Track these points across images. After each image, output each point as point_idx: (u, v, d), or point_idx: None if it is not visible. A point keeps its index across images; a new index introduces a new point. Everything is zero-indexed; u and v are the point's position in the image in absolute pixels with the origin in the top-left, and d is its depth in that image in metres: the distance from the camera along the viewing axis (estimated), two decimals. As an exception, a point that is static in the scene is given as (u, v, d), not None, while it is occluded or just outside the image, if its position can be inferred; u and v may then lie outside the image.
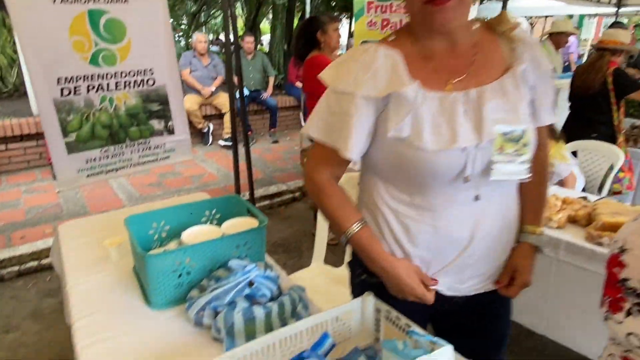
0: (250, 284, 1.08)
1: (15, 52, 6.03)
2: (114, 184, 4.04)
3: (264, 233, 1.26)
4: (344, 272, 1.83)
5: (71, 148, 2.73)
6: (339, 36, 2.78)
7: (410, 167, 0.85)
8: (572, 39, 9.69)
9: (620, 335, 0.73)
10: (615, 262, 0.75)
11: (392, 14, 4.28)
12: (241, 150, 3.10)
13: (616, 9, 6.40)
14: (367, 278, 0.98)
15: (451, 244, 0.89)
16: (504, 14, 0.90)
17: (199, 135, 5.32)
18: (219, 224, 1.34)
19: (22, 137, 4.40)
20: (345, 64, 0.87)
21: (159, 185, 4.08)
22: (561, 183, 2.23)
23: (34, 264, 2.83)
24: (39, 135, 4.43)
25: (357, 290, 1.03)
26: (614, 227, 1.43)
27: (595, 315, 0.90)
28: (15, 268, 2.77)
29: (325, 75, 0.89)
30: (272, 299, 1.09)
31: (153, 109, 2.97)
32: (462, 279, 0.94)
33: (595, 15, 10.39)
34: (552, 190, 1.99)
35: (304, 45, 2.66)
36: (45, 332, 2.23)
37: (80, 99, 2.70)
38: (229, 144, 4.87)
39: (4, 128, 4.28)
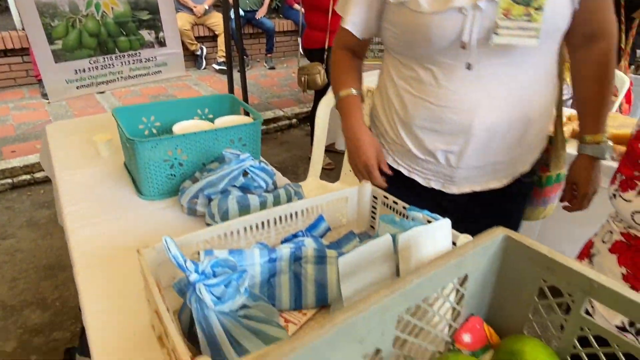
0: (245, 174, 1.04)
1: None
2: (105, 103, 3.92)
3: (259, 129, 1.20)
4: (340, 187, 1.81)
5: (58, 56, 2.59)
6: None
7: (409, 35, 0.81)
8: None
9: (625, 213, 0.71)
10: None
11: None
12: (236, 75, 2.96)
13: None
14: None
15: (447, 123, 0.84)
16: None
17: (192, 59, 5.10)
18: (212, 121, 1.29)
19: (6, 52, 4.19)
20: None
21: (152, 106, 3.96)
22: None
23: (26, 177, 2.80)
24: (24, 51, 4.22)
25: None
26: (619, 139, 1.39)
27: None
28: (9, 180, 2.75)
29: None
30: (267, 192, 1.06)
31: (143, 17, 2.78)
32: (455, 174, 0.91)
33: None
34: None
35: None
36: (40, 240, 2.25)
37: (65, 3, 2.52)
38: (224, 67, 4.70)
39: (-14, 41, 4.06)
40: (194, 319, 0.55)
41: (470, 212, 0.94)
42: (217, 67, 4.97)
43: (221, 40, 4.82)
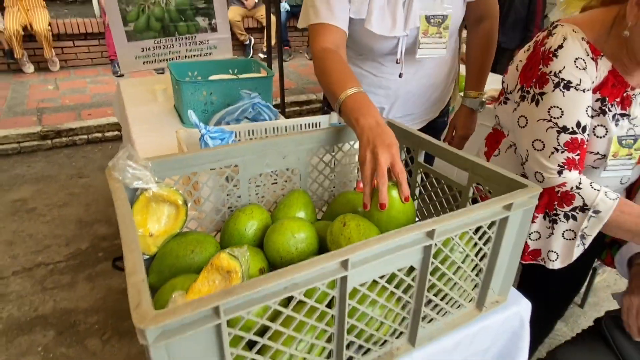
0: (254, 109, 1.46)
1: (78, -42, 6.43)
2: (164, 82, 4.53)
3: (271, 82, 1.62)
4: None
5: (130, 36, 3.15)
6: None
7: (358, 42, 1.16)
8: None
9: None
10: None
11: None
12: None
13: None
14: None
15: (383, 89, 1.25)
16: None
17: (241, 48, 5.64)
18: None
19: (86, 36, 4.92)
20: None
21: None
22: None
23: (99, 135, 3.41)
24: (100, 35, 4.93)
25: None
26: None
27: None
28: (85, 136, 3.37)
29: None
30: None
31: (199, 5, 3.30)
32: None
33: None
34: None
35: None
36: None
37: (138, -8, 3.08)
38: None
39: (71, 25, 4.80)
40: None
41: None
42: (262, 55, 5.48)
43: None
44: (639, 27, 0.82)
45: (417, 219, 0.89)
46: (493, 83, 2.31)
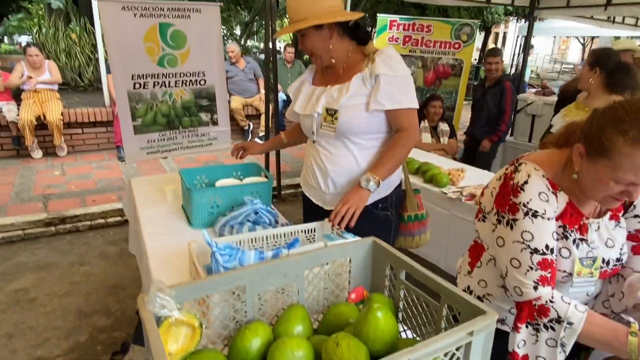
0: (256, 213, 1.63)
1: (92, 52, 7.04)
2: (166, 166, 4.77)
3: (271, 185, 1.80)
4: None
5: (137, 130, 3.43)
6: None
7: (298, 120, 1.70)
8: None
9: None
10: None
11: (414, 32, 4.78)
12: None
13: None
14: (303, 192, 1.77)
15: (315, 170, 1.63)
16: (370, 44, 1.51)
17: (240, 133, 6.01)
18: (241, 180, 1.92)
19: (95, 124, 5.26)
20: None
21: (203, 170, 4.76)
22: None
23: (102, 221, 3.55)
24: (108, 123, 5.26)
25: None
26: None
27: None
28: (88, 223, 3.50)
29: None
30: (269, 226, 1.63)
31: (203, 104, 3.64)
32: (326, 198, 1.63)
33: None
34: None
35: None
36: (109, 267, 2.90)
37: (148, 92, 3.41)
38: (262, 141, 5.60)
39: (82, 115, 5.15)
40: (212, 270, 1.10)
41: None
42: (258, 140, 5.83)
43: (263, 118, 5.73)
44: (583, 172, 1.02)
45: (402, 329, 1.01)
46: (475, 179, 2.54)
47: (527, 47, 5.64)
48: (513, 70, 13.74)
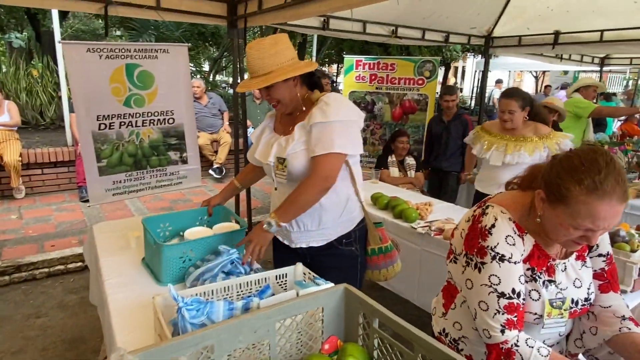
0: (231, 263, 1.58)
1: (54, 90, 6.88)
2: (131, 207, 4.62)
3: (244, 233, 1.73)
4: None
5: (102, 171, 3.33)
6: (329, 89, 3.44)
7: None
8: (562, 93, 10.33)
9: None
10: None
11: (379, 70, 4.97)
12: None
13: (599, 67, 7.32)
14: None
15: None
16: (315, 91, 1.59)
17: (209, 164, 5.95)
18: (209, 226, 1.85)
19: (56, 164, 5.06)
20: None
21: (171, 210, 4.64)
22: None
23: (61, 267, 3.36)
24: (70, 162, 5.08)
25: None
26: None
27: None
28: (46, 270, 3.30)
29: None
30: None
31: (171, 142, 3.59)
32: (292, 236, 1.66)
33: (585, 71, 11.15)
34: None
35: None
36: (68, 319, 2.72)
37: (113, 132, 3.34)
38: (217, 174, 5.80)
39: (42, 155, 4.96)
40: (178, 328, 1.05)
41: (319, 262, 1.62)
42: (212, 172, 5.84)
43: (221, 149, 5.79)
44: (546, 217, 1.05)
45: (377, 381, 0.98)
46: (442, 213, 2.59)
47: (484, 81, 5.96)
48: (473, 103, 14.42)
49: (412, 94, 5.20)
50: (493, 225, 1.08)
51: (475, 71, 12.20)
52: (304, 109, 1.58)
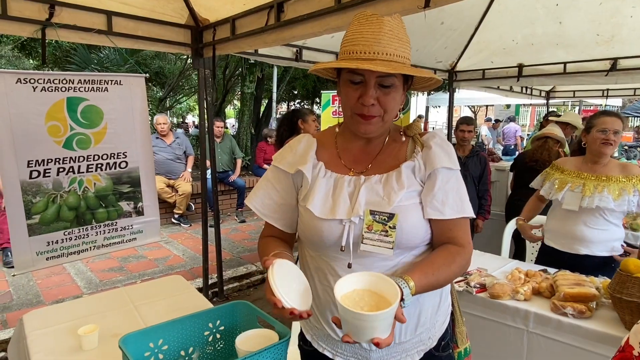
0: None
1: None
2: (71, 269, 3.82)
3: (287, 348, 1.07)
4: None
5: (33, 230, 2.63)
6: (317, 125, 3.07)
7: (307, 232, 1.01)
8: (513, 125, 10.77)
9: None
10: None
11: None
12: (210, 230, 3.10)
13: (546, 100, 7.65)
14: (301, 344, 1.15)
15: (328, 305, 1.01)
16: (415, 122, 1.15)
17: (170, 209, 5.27)
18: (223, 337, 1.23)
19: (-28, 221, 4.15)
20: (287, 146, 1.10)
21: (121, 269, 3.89)
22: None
23: (-26, 361, 2.53)
24: (-9, 219, 4.19)
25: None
26: (575, 298, 1.54)
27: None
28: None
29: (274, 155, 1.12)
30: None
31: (123, 190, 2.96)
32: (371, 356, 1.01)
33: (529, 105, 11.82)
34: (515, 264, 2.13)
35: (287, 130, 2.90)
36: None
37: (49, 181, 2.68)
38: (180, 221, 5.26)
39: (-47, 211, 4.04)
40: None
41: None
42: (174, 220, 5.25)
43: (180, 199, 5.17)
44: None
45: None
46: (474, 263, 2.17)
47: (450, 116, 5.91)
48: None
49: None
50: None
51: (427, 107, 12.45)
52: (403, 139, 1.06)
